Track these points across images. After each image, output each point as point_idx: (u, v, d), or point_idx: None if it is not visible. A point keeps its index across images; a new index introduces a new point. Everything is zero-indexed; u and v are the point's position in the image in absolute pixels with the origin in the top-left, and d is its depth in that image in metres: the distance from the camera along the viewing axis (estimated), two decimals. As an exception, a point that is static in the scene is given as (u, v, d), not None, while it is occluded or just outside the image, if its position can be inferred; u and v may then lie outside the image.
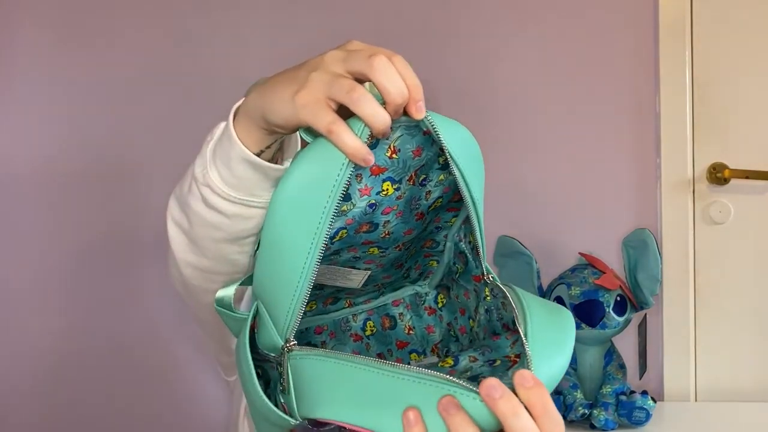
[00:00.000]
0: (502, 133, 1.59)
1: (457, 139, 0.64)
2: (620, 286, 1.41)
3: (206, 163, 0.68)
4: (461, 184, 0.65)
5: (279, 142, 0.68)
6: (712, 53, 1.58)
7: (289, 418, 0.64)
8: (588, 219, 1.58)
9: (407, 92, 0.59)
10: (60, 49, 1.61)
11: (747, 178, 1.56)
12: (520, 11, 1.60)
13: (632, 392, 1.41)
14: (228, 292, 0.72)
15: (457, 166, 0.64)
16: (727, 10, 1.58)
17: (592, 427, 1.36)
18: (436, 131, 0.62)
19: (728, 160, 1.57)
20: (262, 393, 0.65)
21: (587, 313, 1.39)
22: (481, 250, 0.70)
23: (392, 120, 0.60)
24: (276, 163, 0.67)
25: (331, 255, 0.72)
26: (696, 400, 1.58)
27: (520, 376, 0.55)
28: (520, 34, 1.60)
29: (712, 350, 1.58)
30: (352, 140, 0.59)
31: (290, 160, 0.69)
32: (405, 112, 0.61)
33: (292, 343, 0.64)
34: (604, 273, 1.42)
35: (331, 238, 0.68)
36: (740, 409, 1.53)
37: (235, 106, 0.67)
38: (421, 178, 0.69)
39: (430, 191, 0.71)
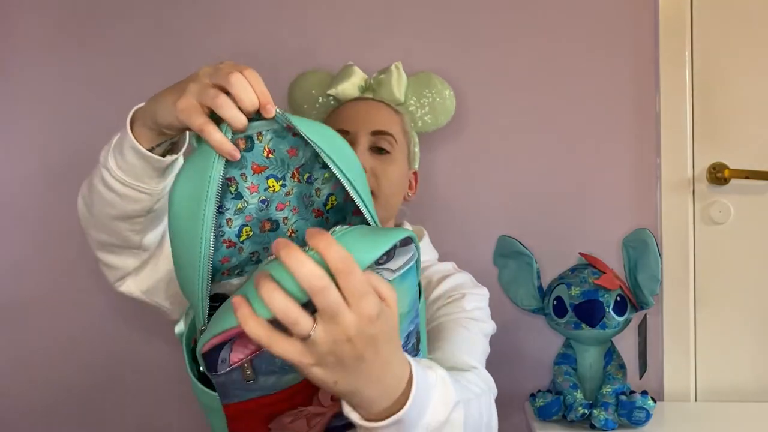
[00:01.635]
0: (502, 133, 1.59)
1: (324, 137, 0.75)
2: (620, 286, 1.41)
3: (109, 151, 0.86)
4: (338, 174, 0.75)
5: (170, 143, 0.85)
6: (712, 53, 1.58)
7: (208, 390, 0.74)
8: (588, 219, 1.59)
9: (257, 100, 0.73)
10: (59, 47, 1.61)
11: (747, 178, 1.56)
12: (521, 11, 1.60)
13: (632, 392, 1.41)
14: (180, 328, 0.83)
15: (330, 158, 0.74)
16: (727, 10, 1.58)
17: (592, 427, 1.36)
18: (294, 127, 0.74)
19: (728, 160, 1.57)
20: (189, 369, 0.76)
21: (587, 313, 1.39)
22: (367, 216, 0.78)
23: (250, 120, 0.74)
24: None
25: (257, 252, 0.79)
26: (696, 400, 1.58)
27: (308, 232, 0.60)
28: (521, 34, 1.60)
29: (712, 350, 1.58)
30: (219, 136, 0.72)
31: (177, 155, 0.87)
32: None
33: (203, 327, 0.74)
34: (604, 273, 1.42)
35: (238, 236, 0.77)
36: (740, 409, 1.53)
37: (135, 108, 0.84)
38: (305, 176, 0.79)
39: (319, 189, 0.80)
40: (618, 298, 1.40)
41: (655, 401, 1.38)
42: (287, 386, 0.74)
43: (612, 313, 1.39)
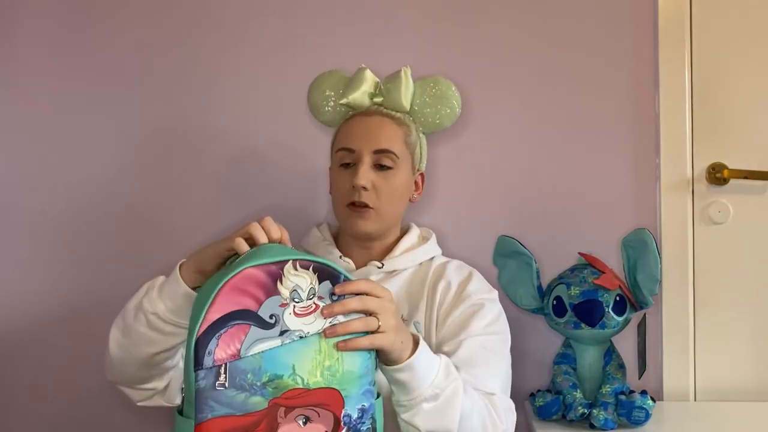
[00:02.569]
0: (502, 132, 1.59)
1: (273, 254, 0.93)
2: (620, 286, 1.42)
3: (153, 299, 1.06)
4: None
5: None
6: (712, 54, 1.59)
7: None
8: (588, 219, 1.59)
9: (266, 238, 0.99)
10: (61, 49, 1.61)
11: (746, 178, 1.56)
12: (521, 12, 1.60)
13: (632, 392, 1.41)
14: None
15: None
16: (726, 10, 1.59)
17: (592, 426, 1.36)
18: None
19: (727, 160, 1.58)
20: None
21: (587, 312, 1.40)
22: None
23: None
24: None
25: None
26: (695, 400, 1.58)
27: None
28: (521, 34, 1.60)
29: (711, 350, 1.59)
30: (243, 244, 0.97)
31: None
32: None
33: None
34: (604, 273, 1.42)
35: None
36: (739, 408, 1.53)
37: (179, 263, 1.06)
38: None
39: None
40: (617, 298, 1.41)
41: (654, 401, 1.39)
42: (254, 410, 0.86)
43: (611, 312, 1.40)
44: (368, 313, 0.94)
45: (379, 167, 1.27)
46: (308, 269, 0.90)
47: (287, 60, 1.60)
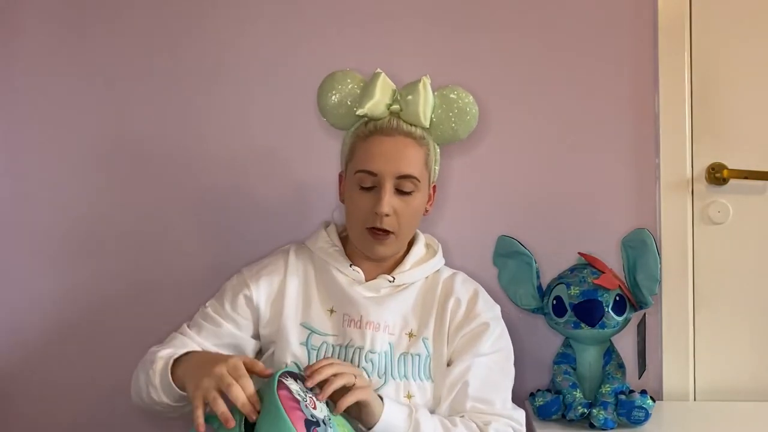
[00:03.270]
0: (502, 133, 1.59)
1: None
2: (619, 286, 1.42)
3: (158, 392, 1.15)
4: None
5: None
6: (711, 54, 1.59)
7: None
8: (588, 219, 1.59)
9: (247, 403, 1.02)
10: (62, 49, 1.62)
11: (746, 178, 1.57)
12: (519, 12, 1.60)
13: (631, 391, 1.41)
14: None
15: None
16: (725, 11, 1.59)
17: (592, 426, 1.36)
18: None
19: (727, 160, 1.58)
20: None
21: (586, 312, 1.40)
22: None
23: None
24: None
25: None
26: (695, 400, 1.59)
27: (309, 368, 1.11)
28: (520, 35, 1.60)
29: (711, 350, 1.59)
30: (200, 412, 1.02)
31: None
32: None
33: None
34: (604, 273, 1.43)
35: None
36: (739, 408, 1.53)
37: (170, 364, 1.14)
38: None
39: None
40: (617, 298, 1.41)
41: (654, 400, 1.39)
42: None
43: (611, 312, 1.40)
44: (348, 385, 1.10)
45: (401, 192, 1.25)
46: (289, 378, 1.06)
47: (286, 64, 1.60)
